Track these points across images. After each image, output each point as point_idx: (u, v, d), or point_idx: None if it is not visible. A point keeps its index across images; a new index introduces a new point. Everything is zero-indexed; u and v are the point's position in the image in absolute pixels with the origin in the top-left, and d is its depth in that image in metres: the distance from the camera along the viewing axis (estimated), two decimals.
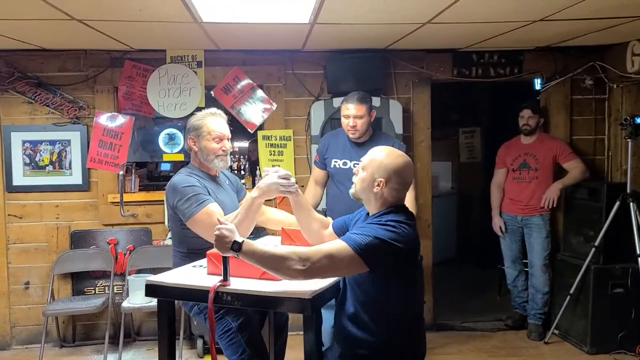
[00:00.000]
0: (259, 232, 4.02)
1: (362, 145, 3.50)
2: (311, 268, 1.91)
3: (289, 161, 4.42)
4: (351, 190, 2.22)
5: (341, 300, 2.20)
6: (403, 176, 2.14)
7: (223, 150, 2.72)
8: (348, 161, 3.54)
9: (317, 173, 3.74)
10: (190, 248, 2.59)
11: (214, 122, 2.73)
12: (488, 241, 5.18)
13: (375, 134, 3.62)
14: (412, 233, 2.07)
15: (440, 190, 6.43)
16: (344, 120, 3.50)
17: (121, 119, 4.27)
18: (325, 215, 2.70)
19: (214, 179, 2.78)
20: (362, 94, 3.51)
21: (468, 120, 6.86)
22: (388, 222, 2.03)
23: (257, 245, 1.98)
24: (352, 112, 3.43)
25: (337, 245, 1.99)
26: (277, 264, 1.92)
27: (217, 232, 1.99)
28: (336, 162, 3.59)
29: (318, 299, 1.99)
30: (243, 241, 1.97)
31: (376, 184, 2.11)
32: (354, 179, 2.20)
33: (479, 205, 6.21)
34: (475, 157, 6.82)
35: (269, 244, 2.68)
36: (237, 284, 2.07)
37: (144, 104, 4.28)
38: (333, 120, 4.25)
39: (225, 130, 2.75)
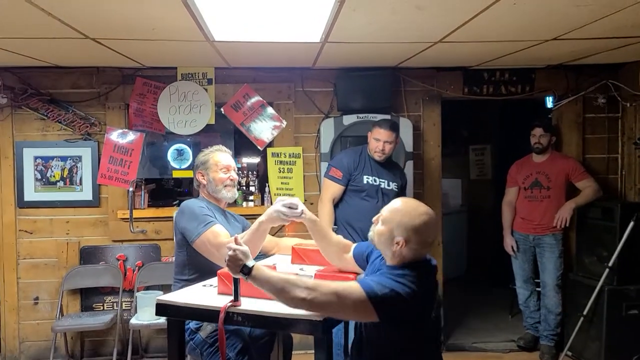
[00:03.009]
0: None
1: (383, 165, 3.82)
2: (315, 300, 1.88)
3: (298, 179, 4.43)
4: (370, 235, 2.16)
5: (358, 346, 2.18)
6: (424, 236, 2.04)
7: (231, 180, 2.84)
8: (377, 178, 3.78)
9: (337, 190, 3.79)
10: (193, 273, 2.63)
11: (220, 155, 2.90)
12: (499, 260, 5.15)
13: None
14: (429, 290, 2.03)
15: (450, 208, 6.41)
16: (373, 142, 3.74)
17: (132, 136, 4.31)
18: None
19: (222, 212, 2.86)
20: (394, 122, 3.84)
21: (478, 137, 6.85)
22: (406, 276, 1.98)
23: (267, 271, 1.97)
24: (383, 137, 3.70)
25: (349, 284, 1.96)
26: (282, 290, 1.90)
27: (231, 253, 1.99)
28: (368, 178, 3.76)
29: (329, 321, 1.98)
30: (253, 266, 1.97)
31: (395, 242, 2.03)
32: (373, 227, 2.15)
33: (490, 223, 6.18)
34: (485, 175, 6.80)
35: (279, 263, 2.71)
36: (248, 304, 2.07)
37: (155, 120, 4.32)
38: (343, 138, 4.27)
39: (231, 162, 2.91)
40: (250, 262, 1.98)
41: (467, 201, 6.92)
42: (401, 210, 2.07)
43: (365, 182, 3.76)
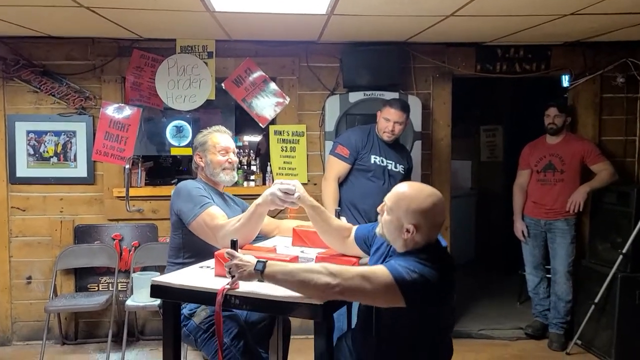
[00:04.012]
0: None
1: (390, 145, 3.82)
2: (342, 285, 1.87)
3: (301, 158, 4.42)
4: (377, 230, 2.15)
5: (364, 332, 2.18)
6: (434, 219, 2.03)
7: (229, 162, 2.84)
8: (385, 159, 3.78)
9: (343, 168, 3.78)
10: (189, 257, 2.63)
11: (219, 136, 2.89)
12: (509, 245, 5.14)
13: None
14: (451, 274, 2.03)
15: (459, 191, 6.39)
16: (382, 122, 3.74)
17: (128, 111, 4.29)
18: (339, 217, 2.69)
19: (221, 195, 2.86)
20: (405, 102, 3.82)
21: (490, 117, 6.81)
22: (429, 260, 1.97)
23: (281, 264, 1.98)
24: (394, 118, 3.69)
25: (375, 268, 1.95)
26: (305, 280, 1.89)
27: (235, 262, 1.99)
28: (376, 158, 3.76)
29: (330, 305, 1.98)
30: (266, 262, 1.96)
31: (405, 230, 2.01)
32: (379, 218, 2.13)
33: (500, 207, 6.16)
34: (496, 157, 6.77)
35: (279, 245, 2.71)
36: (246, 286, 2.06)
37: (152, 95, 4.30)
38: (349, 116, 4.25)
39: (230, 144, 2.90)
40: (258, 261, 1.97)
41: (477, 184, 6.91)
42: (406, 196, 2.05)
43: (372, 162, 3.76)
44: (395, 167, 3.79)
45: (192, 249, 2.67)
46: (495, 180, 6.55)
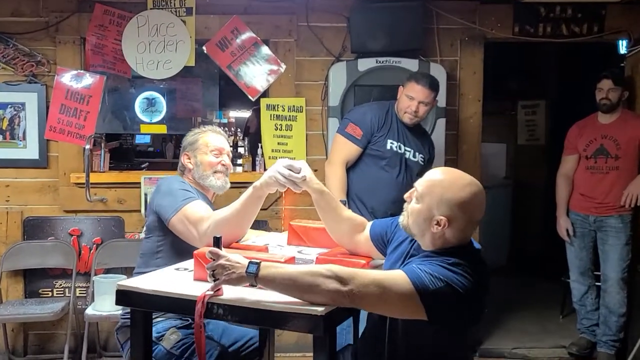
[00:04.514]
0: (260, 225, 4.04)
1: (411, 130, 3.83)
2: (353, 292, 1.87)
3: (299, 138, 4.42)
4: (401, 220, 2.13)
5: (373, 344, 2.19)
6: (471, 213, 2.03)
7: (223, 165, 2.88)
8: (402, 145, 3.79)
9: (353, 152, 3.77)
10: (165, 263, 2.63)
11: (212, 136, 2.96)
12: (550, 247, 5.15)
13: None
14: (484, 285, 2.02)
15: (491, 180, 6.37)
16: (404, 100, 3.70)
17: (89, 79, 4.28)
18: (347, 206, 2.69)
19: (209, 203, 2.87)
20: (434, 79, 3.78)
21: (530, 91, 6.79)
22: (461, 266, 1.95)
23: (279, 266, 1.97)
24: (419, 96, 3.66)
25: (393, 273, 1.95)
26: (309, 285, 1.88)
27: (221, 262, 1.96)
28: (392, 143, 3.75)
29: (333, 317, 1.98)
30: (260, 263, 1.96)
31: (435, 222, 2.01)
32: (406, 206, 2.12)
33: (540, 200, 6.17)
34: (537, 139, 6.76)
35: (271, 244, 2.71)
36: (232, 293, 2.07)
37: (119, 60, 4.28)
38: (358, 88, 4.24)
39: (225, 145, 2.96)
40: (250, 262, 1.96)
41: (513, 172, 6.90)
42: (442, 182, 2.05)
43: (388, 147, 3.75)
44: (414, 156, 3.79)
45: (169, 253, 2.69)
46: (535, 168, 6.55)
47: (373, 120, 3.76)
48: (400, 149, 3.77)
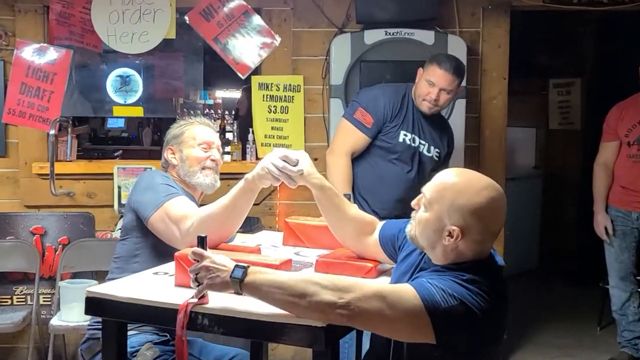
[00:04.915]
0: (252, 223, 4.04)
1: (429, 119, 3.80)
2: (352, 306, 1.84)
3: (296, 122, 4.43)
4: (408, 230, 2.11)
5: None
6: (488, 223, 1.99)
7: (212, 160, 2.89)
8: (417, 138, 3.76)
9: (361, 142, 3.75)
10: (143, 268, 2.63)
11: (200, 128, 2.97)
12: (586, 247, 5.15)
13: None
14: (503, 306, 2.01)
15: (518, 171, 6.39)
16: (423, 86, 3.66)
17: (54, 54, 4.28)
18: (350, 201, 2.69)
19: (196, 202, 2.87)
20: (460, 63, 3.75)
21: (564, 68, 6.78)
22: (476, 283, 1.93)
23: (269, 272, 1.96)
24: (441, 83, 3.61)
25: (399, 287, 1.93)
26: (301, 294, 1.87)
27: (205, 264, 1.96)
28: (406, 135, 3.73)
29: (336, 328, 1.99)
30: (248, 267, 1.95)
31: (447, 233, 1.97)
32: (413, 215, 2.10)
33: (575, 194, 6.17)
34: (571, 123, 6.75)
35: (264, 243, 2.71)
36: (220, 300, 2.08)
37: (87, 32, 4.28)
38: (364, 64, 4.24)
39: (214, 139, 2.98)
40: (236, 265, 1.96)
41: (544, 161, 6.91)
42: (454, 186, 2.01)
43: (400, 139, 3.73)
44: (429, 151, 3.78)
45: (149, 257, 2.69)
46: (570, 156, 6.55)
47: (387, 106, 3.74)
48: (414, 141, 3.75)
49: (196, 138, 2.90)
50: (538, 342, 4.96)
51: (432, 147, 3.79)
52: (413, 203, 2.10)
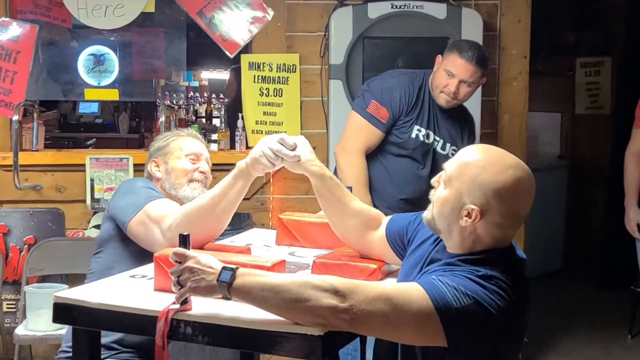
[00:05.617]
0: (242, 219, 4.05)
1: (446, 113, 3.79)
2: (354, 309, 1.83)
3: (291, 107, 4.45)
4: (425, 214, 2.11)
5: None
6: (512, 204, 1.99)
7: (201, 172, 2.93)
8: (432, 134, 3.77)
9: (375, 138, 3.73)
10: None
11: (187, 140, 3.02)
12: (616, 246, 5.15)
13: None
14: (525, 307, 2.00)
15: (541, 160, 6.40)
16: (442, 77, 3.65)
17: (17, 29, 4.26)
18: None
19: None
20: (483, 52, 3.72)
21: (592, 45, 6.78)
22: (494, 279, 1.92)
23: (260, 274, 1.95)
24: (461, 74, 3.59)
25: (406, 287, 1.93)
26: (297, 299, 1.86)
27: (189, 264, 1.95)
28: (420, 131, 3.73)
29: (334, 338, 1.99)
30: (237, 268, 1.95)
31: (465, 213, 1.97)
32: (432, 193, 2.10)
33: (604, 187, 6.17)
34: (601, 107, 6.76)
35: (255, 242, 2.71)
36: (205, 306, 2.07)
37: (55, 5, 4.29)
38: (367, 41, 4.25)
39: (203, 150, 3.03)
40: (224, 267, 1.95)
41: (570, 150, 6.93)
42: (477, 161, 2.01)
43: (413, 135, 3.73)
44: (444, 148, 3.78)
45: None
46: (598, 145, 6.56)
47: (402, 99, 3.72)
48: (428, 137, 3.75)
49: (183, 149, 2.95)
50: (560, 352, 4.97)
51: (447, 144, 3.78)
52: (433, 180, 2.10)
